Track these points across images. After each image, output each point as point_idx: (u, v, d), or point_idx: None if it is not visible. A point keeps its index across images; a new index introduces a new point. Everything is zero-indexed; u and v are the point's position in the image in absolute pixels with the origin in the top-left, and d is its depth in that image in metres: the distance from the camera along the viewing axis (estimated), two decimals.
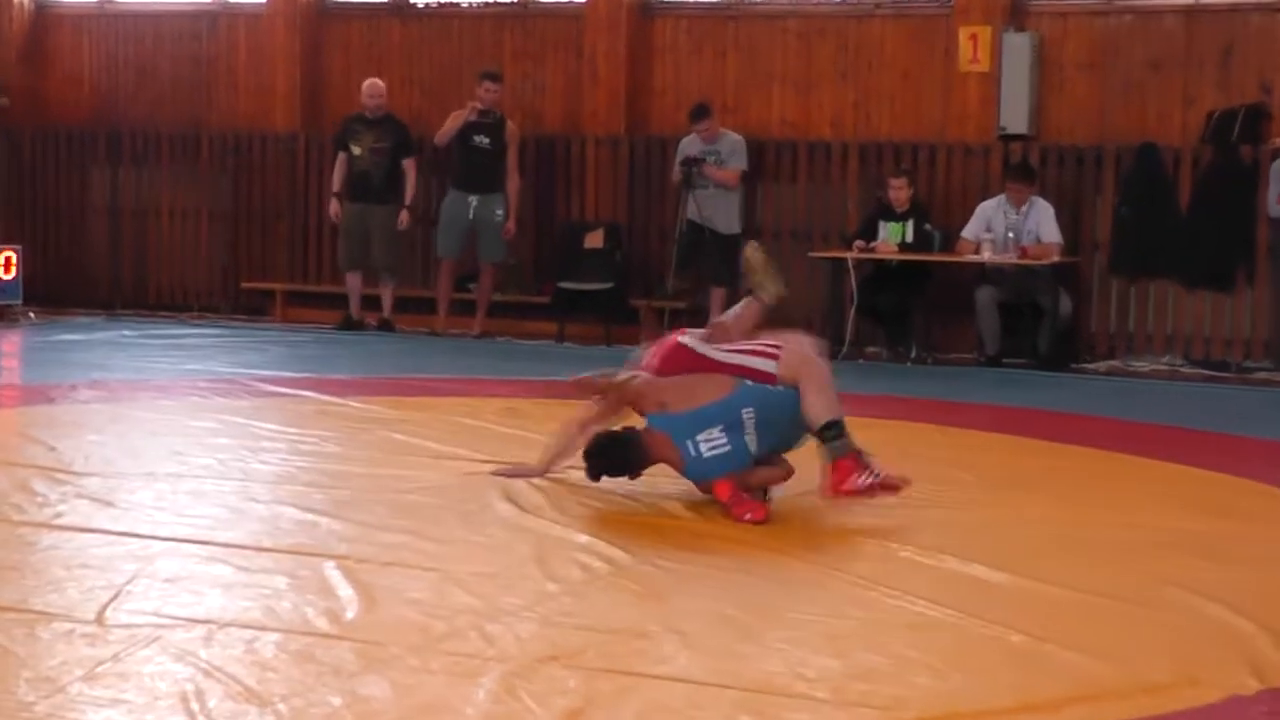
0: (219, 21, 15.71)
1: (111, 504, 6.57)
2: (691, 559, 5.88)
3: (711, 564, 5.83)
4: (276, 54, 15.32)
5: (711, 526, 6.39)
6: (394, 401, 9.53)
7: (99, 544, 5.82)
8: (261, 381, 10.27)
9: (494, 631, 4.80)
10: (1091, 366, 12.71)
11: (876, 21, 13.71)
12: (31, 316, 14.54)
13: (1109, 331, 12.97)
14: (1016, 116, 13.05)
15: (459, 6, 15.15)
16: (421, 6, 15.22)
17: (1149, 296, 12.86)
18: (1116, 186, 12.86)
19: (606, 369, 7.27)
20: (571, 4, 14.69)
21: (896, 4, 13.70)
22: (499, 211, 13.74)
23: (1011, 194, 12.57)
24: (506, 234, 13.78)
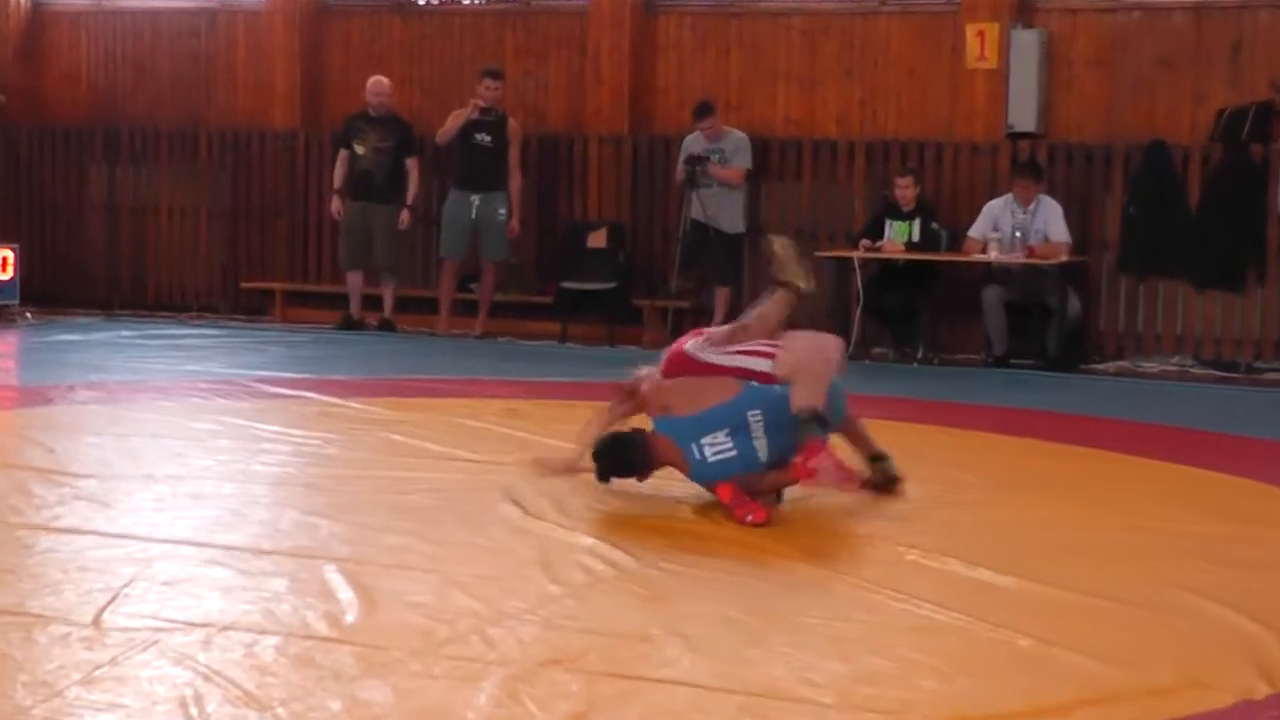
0: (218, 18, 15.72)
1: (109, 506, 6.58)
2: (696, 562, 5.88)
3: (716, 567, 5.83)
4: (276, 51, 15.33)
5: (716, 529, 6.39)
6: (394, 402, 9.53)
7: (97, 546, 5.83)
8: (261, 382, 10.28)
9: (496, 635, 4.80)
10: (1100, 367, 12.71)
11: (882, 18, 13.71)
12: (28, 316, 14.54)
13: (1118, 332, 12.97)
14: (1024, 114, 13.05)
15: (460, 4, 15.17)
16: (423, 3, 15.22)
17: (1158, 296, 12.85)
18: (1125, 185, 12.85)
19: (647, 367, 7.29)
20: (574, 1, 14.70)
21: (903, 0, 13.70)
22: (501, 210, 13.74)
23: (1019, 192, 12.57)
24: (511, 233, 13.78)
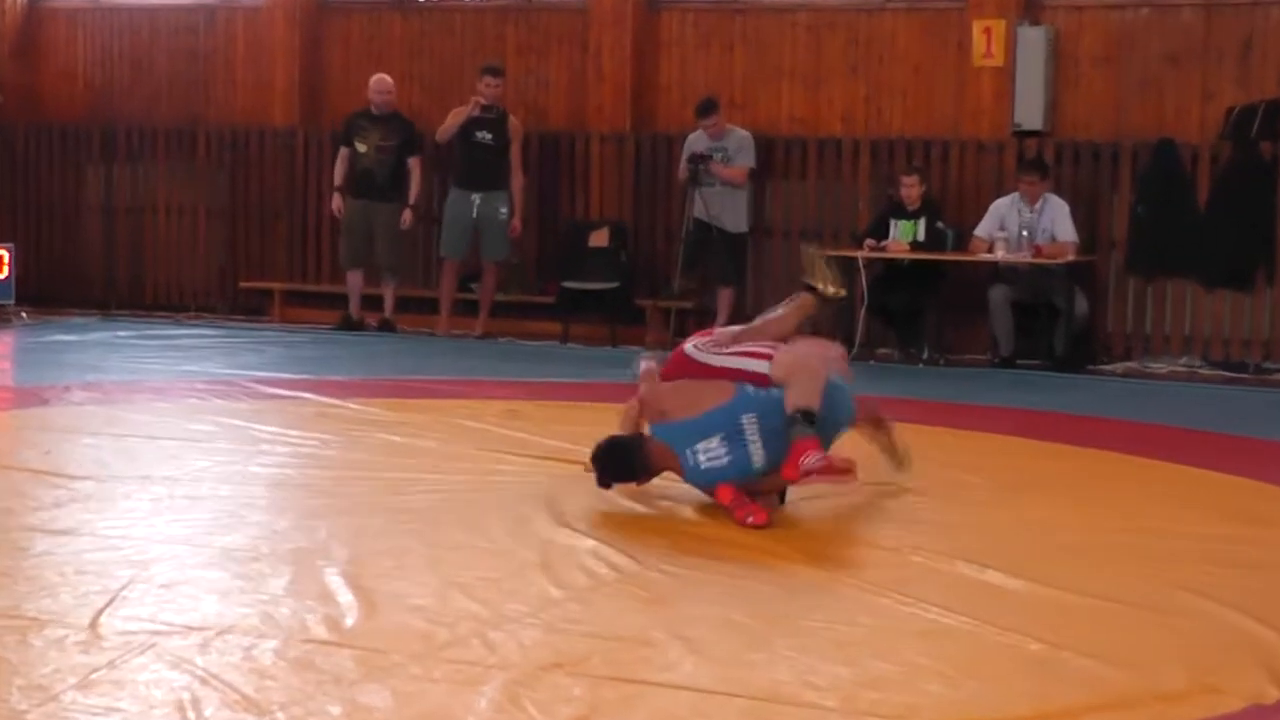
0: (216, 15, 15.72)
1: (106, 508, 6.58)
2: (699, 564, 5.88)
3: (719, 570, 5.82)
4: (275, 48, 15.33)
5: (718, 532, 6.39)
6: (394, 403, 9.53)
7: (93, 549, 5.83)
8: (260, 383, 10.28)
9: (497, 639, 4.80)
10: (1108, 368, 12.70)
11: (888, 15, 13.71)
12: (24, 317, 14.55)
13: (1125, 332, 12.96)
14: (1031, 112, 13.04)
15: (461, 0, 15.16)
16: (423, 0, 15.22)
17: (1166, 296, 12.84)
18: (1133, 184, 12.84)
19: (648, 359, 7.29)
20: None
21: None
22: (503, 209, 13.74)
23: (1024, 189, 12.56)
24: (513, 232, 13.78)
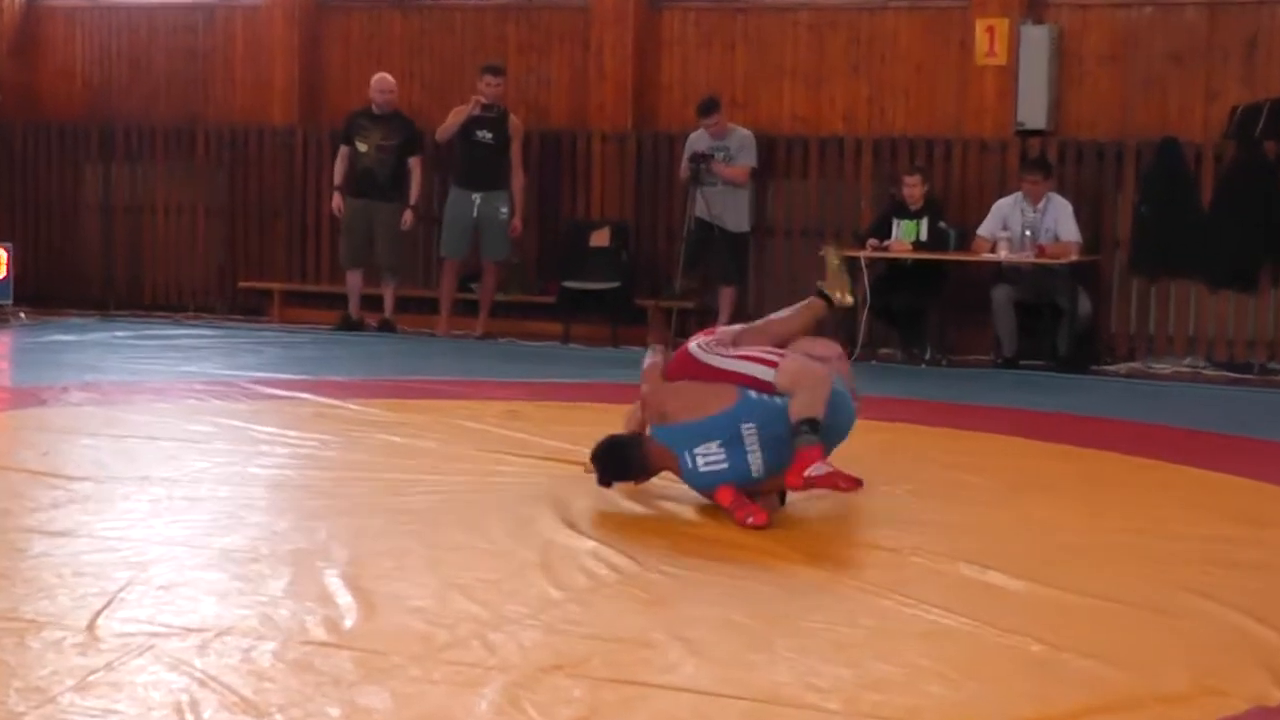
0: (215, 13, 15.72)
1: (104, 509, 6.59)
2: (699, 565, 5.88)
3: (720, 571, 5.83)
4: (274, 47, 15.33)
5: (720, 533, 6.39)
6: (394, 404, 9.53)
7: (91, 550, 5.83)
8: (259, 384, 10.28)
9: (497, 640, 4.81)
10: (1111, 368, 12.70)
11: (890, 13, 13.71)
12: (22, 317, 14.55)
13: (1129, 332, 12.96)
14: (1034, 111, 13.04)
15: None
16: None
17: (1170, 296, 12.84)
18: (1137, 183, 12.84)
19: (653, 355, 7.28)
20: None
21: None
22: (503, 209, 13.74)
23: (1028, 188, 12.57)
24: (514, 232, 13.78)
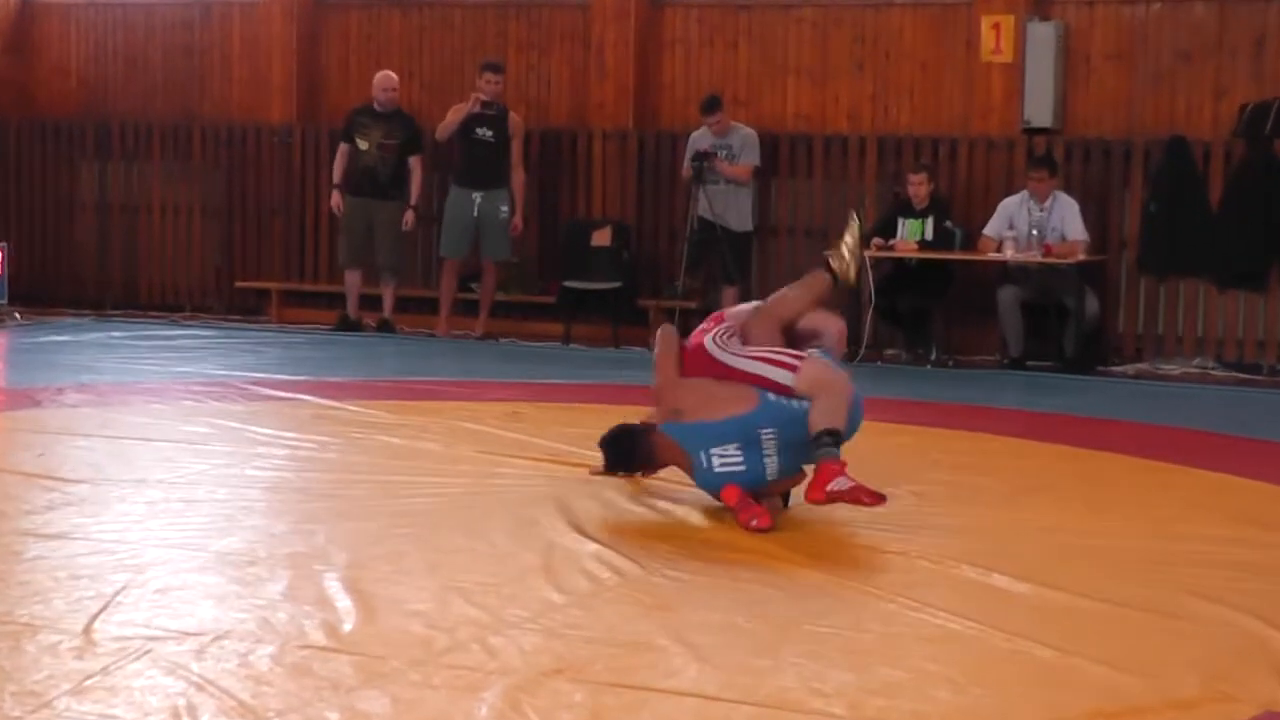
0: (212, 10, 15.72)
1: (100, 511, 6.58)
2: (703, 569, 5.88)
3: (724, 574, 5.82)
4: (272, 44, 15.34)
5: (723, 536, 6.39)
6: (393, 405, 9.53)
7: (87, 553, 5.83)
8: (256, 385, 10.28)
9: (498, 644, 4.80)
10: (1119, 369, 12.70)
11: (895, 10, 13.71)
12: (17, 317, 14.55)
13: (1137, 333, 12.96)
14: (1041, 109, 13.04)
15: None
16: None
17: (1179, 296, 12.84)
18: (1145, 182, 12.84)
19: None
20: None
21: None
22: (503, 208, 13.74)
23: (1033, 186, 12.56)
24: (514, 230, 13.78)
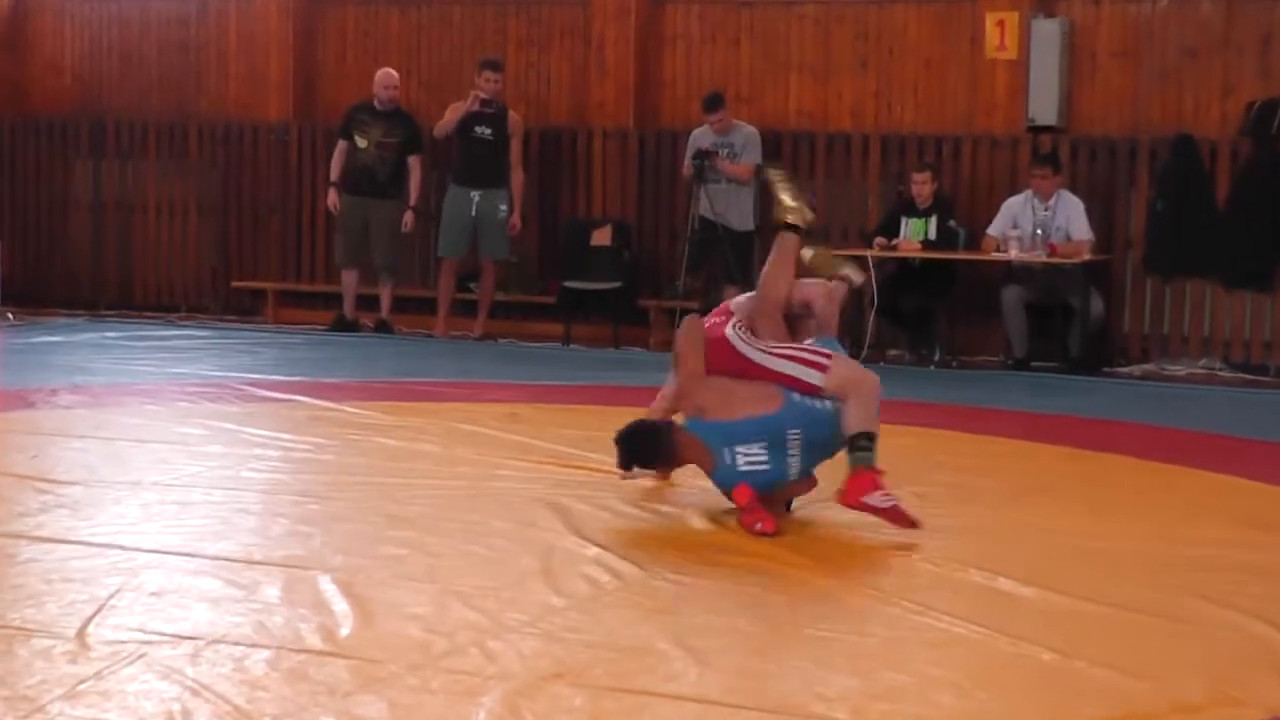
0: (209, 6, 15.72)
1: (94, 514, 6.58)
2: (705, 572, 5.87)
3: (726, 578, 5.82)
4: (269, 41, 15.34)
5: (725, 539, 6.38)
6: (391, 407, 9.53)
7: (81, 556, 5.82)
8: (252, 385, 10.28)
9: (496, 648, 4.80)
10: (1124, 370, 12.71)
11: (899, 7, 13.71)
12: (10, 317, 14.55)
13: (1143, 333, 12.96)
14: (1046, 107, 13.04)
15: None
16: None
17: (1185, 296, 12.84)
18: (1151, 180, 12.84)
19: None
20: None
21: None
22: (502, 207, 13.74)
23: (1036, 184, 12.56)
24: (513, 230, 13.79)
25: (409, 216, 13.93)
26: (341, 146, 14.14)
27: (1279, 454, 8.94)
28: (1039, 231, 12.44)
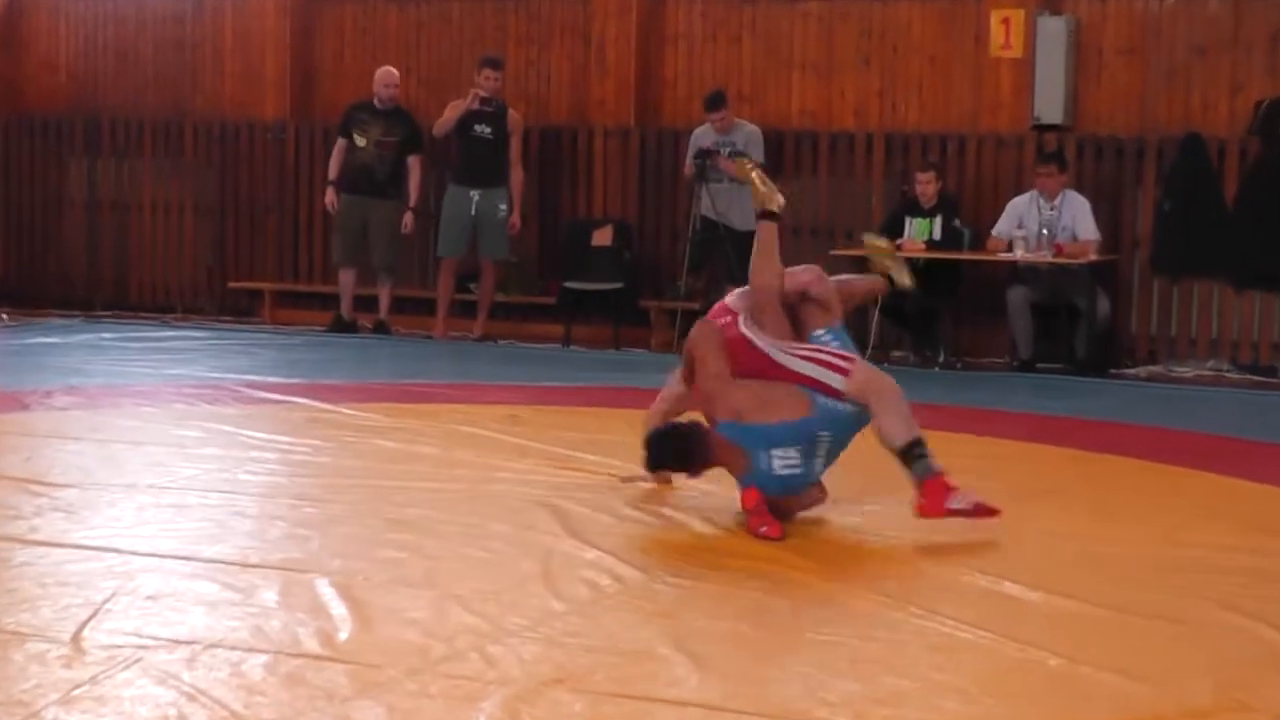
0: (204, 4, 15.73)
1: (89, 517, 6.59)
2: (706, 576, 5.87)
3: (728, 582, 5.82)
4: (265, 38, 15.35)
5: (726, 543, 6.38)
6: (389, 408, 9.53)
7: (76, 560, 5.82)
8: (249, 387, 10.29)
9: (496, 653, 4.80)
10: (1131, 371, 12.71)
11: (903, 4, 13.71)
12: (4, 318, 14.57)
13: (1150, 334, 12.96)
14: (1051, 105, 13.04)
15: None
16: None
17: (1193, 297, 12.84)
18: (1158, 180, 12.83)
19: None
20: None
21: None
22: (502, 206, 13.74)
23: (1041, 183, 12.56)
24: (512, 230, 13.79)
25: (409, 218, 13.92)
26: (340, 145, 14.14)
27: None
28: (1045, 231, 12.44)
